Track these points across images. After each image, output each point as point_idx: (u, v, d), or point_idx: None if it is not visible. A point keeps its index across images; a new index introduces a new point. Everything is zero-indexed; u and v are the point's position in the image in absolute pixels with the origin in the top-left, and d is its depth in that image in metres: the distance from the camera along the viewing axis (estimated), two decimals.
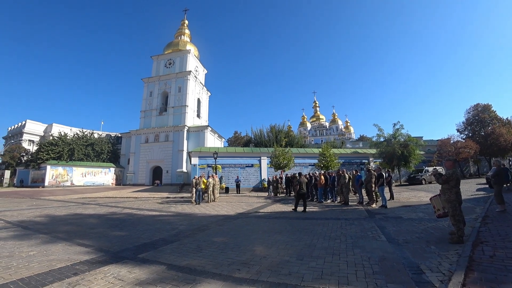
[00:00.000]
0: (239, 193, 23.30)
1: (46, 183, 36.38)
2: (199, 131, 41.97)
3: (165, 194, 23.50)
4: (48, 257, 5.04)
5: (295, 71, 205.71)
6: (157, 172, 41.79)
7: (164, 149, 41.29)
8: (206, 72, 55.30)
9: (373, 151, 28.54)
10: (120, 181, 43.64)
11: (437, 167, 24.16)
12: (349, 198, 13.46)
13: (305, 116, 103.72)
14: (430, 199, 6.14)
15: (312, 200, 15.59)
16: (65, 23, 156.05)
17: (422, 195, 14.74)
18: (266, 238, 6.33)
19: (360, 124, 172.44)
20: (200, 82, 49.91)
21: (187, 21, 54.49)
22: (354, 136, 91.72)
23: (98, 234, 7.27)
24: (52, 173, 37.46)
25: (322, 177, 14.61)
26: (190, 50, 47.53)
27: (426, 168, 26.25)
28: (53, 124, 56.16)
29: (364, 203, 12.30)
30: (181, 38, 51.18)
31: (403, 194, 16.09)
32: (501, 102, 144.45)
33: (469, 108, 38.24)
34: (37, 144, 44.03)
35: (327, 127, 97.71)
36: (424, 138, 41.30)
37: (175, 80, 44.63)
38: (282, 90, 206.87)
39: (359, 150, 33.39)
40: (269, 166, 25.20)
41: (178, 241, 6.23)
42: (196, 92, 47.67)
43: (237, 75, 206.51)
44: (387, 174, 14.52)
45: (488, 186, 14.89)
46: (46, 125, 58.00)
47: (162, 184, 38.67)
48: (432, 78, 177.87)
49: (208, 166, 25.82)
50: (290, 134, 43.79)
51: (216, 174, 21.19)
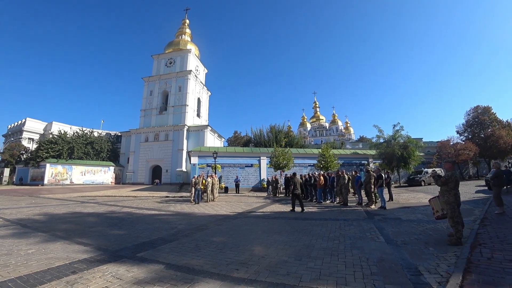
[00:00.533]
0: (239, 193, 23.28)
1: (46, 181, 36.36)
2: (199, 131, 42.00)
3: (165, 193, 23.48)
4: (47, 256, 5.05)
5: (296, 71, 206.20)
6: (157, 171, 41.80)
7: (164, 148, 41.30)
8: (207, 72, 55.35)
9: (373, 152, 28.53)
10: (120, 180, 43.65)
11: (437, 169, 24.17)
12: (348, 199, 13.47)
13: (305, 117, 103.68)
14: (429, 201, 6.13)
15: (312, 201, 15.62)
16: (66, 21, 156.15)
17: (421, 197, 14.76)
18: (265, 238, 6.34)
19: (360, 125, 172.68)
20: (201, 82, 49.93)
21: (188, 21, 54.54)
22: (354, 137, 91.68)
23: (97, 233, 7.27)
24: (52, 172, 37.45)
25: (322, 178, 14.62)
26: (191, 50, 47.54)
27: (426, 170, 26.28)
28: (53, 123, 55.99)
29: (363, 204, 12.31)
30: (182, 38, 51.19)
31: (402, 196, 16.10)
32: (501, 104, 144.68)
33: (469, 110, 38.29)
34: (37, 142, 43.95)
35: (327, 128, 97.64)
36: (424, 140, 41.27)
37: (176, 80, 44.66)
38: (282, 90, 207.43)
39: (359, 151, 33.37)
40: (269, 166, 25.17)
41: (177, 241, 6.24)
42: (196, 92, 47.69)
43: (238, 75, 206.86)
44: (386, 175, 14.54)
45: (487, 188, 14.91)
46: (46, 123, 57.83)
47: (162, 183, 38.65)
48: (433, 80, 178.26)
49: (208, 166, 25.81)
50: (290, 135, 43.81)
51: (216, 174, 21.19)
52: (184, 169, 38.73)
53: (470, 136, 36.83)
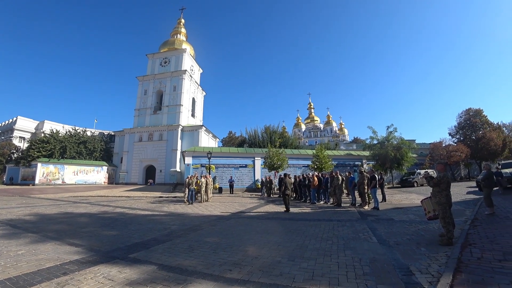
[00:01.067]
0: (233, 194, 23.24)
1: (37, 181, 35.79)
2: (193, 131, 41.84)
3: (158, 194, 23.34)
4: (37, 257, 4.97)
5: (291, 72, 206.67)
6: (150, 171, 41.48)
7: (158, 148, 41.03)
8: (202, 72, 55.13)
9: (367, 153, 28.73)
10: (113, 180, 43.20)
11: (429, 170, 24.47)
12: (342, 200, 13.54)
13: (300, 118, 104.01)
14: (421, 202, 6.20)
15: (305, 201, 15.67)
16: (59, 19, 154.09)
17: (414, 197, 14.91)
18: (259, 239, 6.34)
19: (355, 127, 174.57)
20: (195, 82, 49.73)
21: (184, 20, 54.29)
22: (348, 138, 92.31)
23: (89, 234, 7.18)
24: (43, 171, 36.89)
25: (316, 179, 14.67)
26: (186, 49, 47.36)
27: (418, 171, 26.58)
28: (45, 121, 55.23)
29: (357, 205, 12.39)
30: (177, 37, 50.94)
31: (395, 196, 16.25)
32: (492, 107, 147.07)
33: (461, 113, 39.01)
34: (28, 141, 43.19)
35: (322, 129, 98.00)
36: (417, 141, 41.68)
37: (170, 79, 44.42)
38: (277, 91, 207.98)
39: (353, 152, 33.59)
40: (263, 167, 25.21)
41: (170, 241, 6.20)
42: (191, 92, 47.49)
43: (233, 75, 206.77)
44: (380, 176, 14.65)
45: (478, 189, 15.12)
46: (38, 122, 56.99)
47: (155, 184, 38.38)
48: (426, 82, 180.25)
49: (202, 166, 25.71)
50: (285, 135, 43.82)
51: (210, 174, 21.12)
52: (178, 169, 38.52)
53: (462, 138, 37.45)
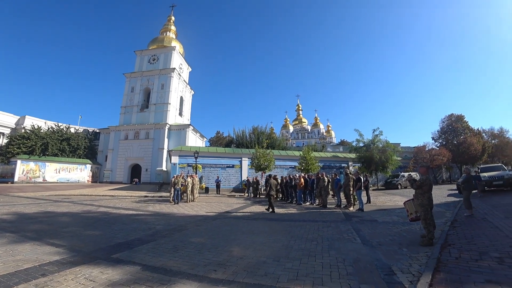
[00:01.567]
0: (219, 194, 23.16)
1: (16, 179, 34.42)
2: (181, 130, 41.38)
3: (143, 193, 22.98)
4: (15, 257, 4.79)
5: (280, 74, 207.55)
6: (136, 170, 40.69)
7: (144, 147, 40.29)
8: (190, 70, 54.55)
9: (353, 156, 29.25)
10: (97, 179, 42.09)
11: (412, 173, 25.15)
12: (328, 201, 13.71)
13: (288, 119, 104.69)
14: (404, 203, 6.36)
15: (292, 202, 15.78)
16: (43, 14, 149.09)
17: (398, 199, 15.27)
18: (244, 239, 6.34)
19: (341, 129, 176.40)
20: (184, 80, 49.23)
21: (174, 18, 53.61)
22: (335, 140, 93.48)
23: (71, 234, 6.99)
24: (23, 168, 35.55)
25: (302, 180, 14.81)
26: (175, 47, 46.77)
27: (402, 174, 27.28)
28: (26, 116, 53.02)
29: (342, 206, 12.57)
30: (167, 35, 50.20)
31: (380, 198, 16.61)
32: (473, 113, 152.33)
33: (444, 118, 40.39)
34: (8, 137, 41.43)
35: (309, 131, 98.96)
36: (402, 145, 42.84)
37: (159, 77, 43.70)
38: (266, 92, 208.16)
39: (339, 154, 34.10)
40: (250, 167, 25.25)
41: (154, 241, 6.12)
42: (179, 90, 46.95)
43: (222, 75, 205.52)
44: (365, 179, 14.93)
45: (458, 192, 15.64)
46: (19, 117, 54.66)
47: (141, 183, 37.63)
48: (411, 87, 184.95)
49: (189, 166, 25.46)
50: (272, 136, 44.00)
51: (196, 174, 20.95)
52: (165, 169, 37.97)
53: (444, 143, 38.69)
